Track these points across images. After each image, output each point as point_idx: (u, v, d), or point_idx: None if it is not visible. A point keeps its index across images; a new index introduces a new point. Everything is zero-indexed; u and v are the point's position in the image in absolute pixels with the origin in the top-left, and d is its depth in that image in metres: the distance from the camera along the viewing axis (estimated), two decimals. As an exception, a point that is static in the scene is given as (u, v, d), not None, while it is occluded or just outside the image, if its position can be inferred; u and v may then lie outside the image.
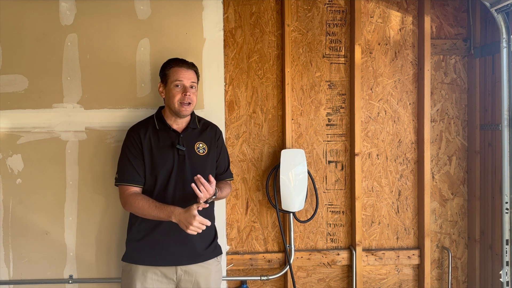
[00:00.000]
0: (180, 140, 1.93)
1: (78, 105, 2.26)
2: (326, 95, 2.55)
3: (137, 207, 1.83)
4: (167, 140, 1.93)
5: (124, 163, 1.92)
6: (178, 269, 1.89)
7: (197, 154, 1.96)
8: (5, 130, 2.24)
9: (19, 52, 2.23)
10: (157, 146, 1.92)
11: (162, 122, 1.97)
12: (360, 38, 2.50)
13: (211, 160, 2.00)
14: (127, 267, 1.93)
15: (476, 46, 2.54)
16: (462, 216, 2.63)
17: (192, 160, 1.93)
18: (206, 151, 1.98)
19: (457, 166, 2.62)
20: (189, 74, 1.93)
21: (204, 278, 1.93)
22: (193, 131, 2.00)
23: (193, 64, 2.00)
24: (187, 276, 1.91)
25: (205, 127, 2.05)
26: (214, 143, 2.03)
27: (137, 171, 1.89)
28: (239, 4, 2.48)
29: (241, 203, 2.51)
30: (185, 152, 1.92)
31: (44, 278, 2.27)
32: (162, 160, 1.90)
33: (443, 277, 2.63)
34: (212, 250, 1.98)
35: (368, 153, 2.58)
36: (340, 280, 2.58)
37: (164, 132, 1.95)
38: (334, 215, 2.57)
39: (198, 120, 2.05)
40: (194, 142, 1.97)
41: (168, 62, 1.98)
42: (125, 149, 1.94)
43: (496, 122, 2.41)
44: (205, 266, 1.94)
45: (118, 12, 2.26)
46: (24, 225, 2.25)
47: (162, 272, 1.89)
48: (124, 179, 1.90)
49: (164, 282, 1.89)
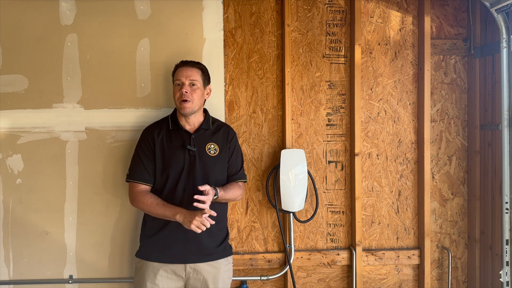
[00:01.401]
0: (192, 140, 1.97)
1: (78, 105, 2.26)
2: (326, 95, 2.55)
3: (144, 204, 1.90)
4: (179, 140, 1.98)
5: (136, 162, 2.00)
6: (187, 267, 1.93)
7: (208, 154, 1.99)
8: (5, 130, 2.24)
9: (19, 52, 2.23)
10: (169, 146, 1.97)
11: (175, 122, 2.02)
12: (360, 38, 2.50)
13: (222, 161, 2.03)
14: (140, 263, 1.98)
15: (476, 46, 2.54)
16: (462, 216, 2.63)
17: (202, 160, 1.97)
18: (217, 152, 2.01)
19: (457, 166, 2.62)
20: (189, 72, 1.97)
21: (212, 277, 1.95)
22: (205, 132, 2.03)
23: (198, 62, 2.04)
24: (196, 274, 1.94)
25: (218, 128, 2.09)
26: (226, 144, 2.05)
27: (147, 171, 1.96)
28: (239, 4, 2.48)
29: (241, 203, 2.51)
30: (195, 152, 1.96)
31: (44, 278, 2.27)
32: (173, 160, 1.95)
33: (443, 277, 2.63)
34: (222, 250, 2.01)
35: (368, 153, 2.57)
36: (340, 280, 2.58)
37: (177, 133, 2.00)
38: (334, 215, 2.57)
39: (212, 121, 2.09)
40: (205, 143, 2.00)
41: (176, 64, 2.05)
42: (139, 148, 2.02)
43: (496, 122, 2.41)
44: (214, 265, 1.97)
45: (118, 12, 2.26)
46: (24, 225, 2.26)
47: (172, 269, 1.93)
48: (134, 177, 1.97)
49: (174, 279, 1.93)
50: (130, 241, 2.30)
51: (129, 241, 2.30)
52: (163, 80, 2.29)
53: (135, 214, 2.29)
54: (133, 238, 2.29)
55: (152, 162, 1.97)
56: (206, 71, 2.06)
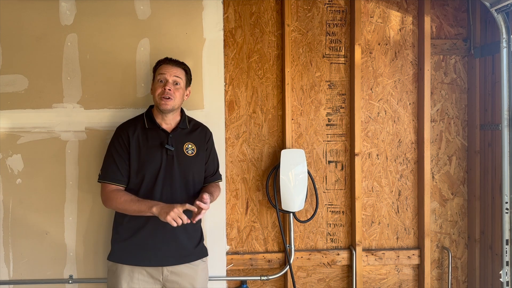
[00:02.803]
0: (169, 140, 1.92)
1: (78, 105, 2.26)
2: (326, 95, 2.55)
3: (118, 202, 1.83)
4: (156, 140, 1.93)
5: (108, 162, 1.92)
6: (164, 270, 1.89)
7: (186, 154, 1.95)
8: (5, 130, 2.23)
9: (19, 52, 2.22)
10: (146, 145, 1.91)
11: (151, 120, 1.96)
12: (360, 38, 2.50)
13: (199, 161, 1.99)
14: (113, 266, 1.91)
15: (476, 46, 2.54)
16: (462, 216, 2.63)
17: (180, 160, 1.93)
18: (195, 152, 1.97)
19: (457, 166, 2.62)
20: (174, 70, 1.93)
21: (190, 279, 1.92)
22: (182, 131, 1.99)
23: (183, 63, 2.00)
24: (174, 277, 1.90)
25: (195, 127, 2.04)
26: (203, 145, 2.02)
27: (120, 171, 1.89)
28: (239, 4, 2.48)
29: (241, 203, 2.51)
30: (173, 152, 1.92)
31: (44, 278, 2.27)
32: (149, 159, 1.89)
33: (443, 277, 2.63)
34: (198, 251, 1.98)
35: (368, 153, 2.58)
36: (340, 280, 2.58)
37: (153, 131, 1.94)
38: (334, 215, 2.57)
39: (188, 120, 2.04)
40: (183, 143, 1.96)
41: (159, 60, 2.00)
42: (111, 147, 1.94)
43: (496, 122, 2.41)
44: (191, 267, 1.93)
45: (118, 12, 2.26)
46: (24, 225, 2.25)
47: (148, 272, 1.88)
48: (106, 177, 1.90)
49: (150, 283, 1.89)
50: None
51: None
52: (163, 80, 2.29)
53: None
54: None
55: (126, 162, 1.90)
56: (190, 72, 2.02)
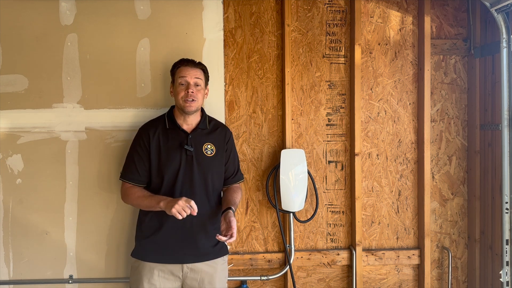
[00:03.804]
0: (189, 140, 1.95)
1: (78, 105, 2.26)
2: (326, 95, 2.55)
3: (133, 198, 1.92)
4: (176, 140, 1.96)
5: (129, 161, 2.01)
6: (184, 267, 1.93)
7: (205, 155, 1.97)
8: (5, 130, 2.24)
9: (19, 52, 2.23)
10: (166, 145, 1.96)
11: (172, 121, 2.00)
12: (360, 38, 2.50)
13: (218, 162, 2.01)
14: (136, 263, 1.98)
15: (476, 46, 2.54)
16: (462, 216, 2.63)
17: (199, 161, 1.96)
18: (213, 152, 2.00)
19: (457, 166, 2.62)
20: (194, 72, 1.96)
21: (209, 277, 1.95)
22: (202, 131, 2.01)
23: (200, 63, 2.02)
24: (193, 274, 1.94)
25: (215, 128, 2.07)
26: (223, 145, 2.04)
27: (139, 172, 1.96)
28: (239, 4, 2.48)
29: (241, 203, 2.51)
30: (193, 152, 1.94)
31: (44, 278, 2.27)
32: (169, 160, 1.93)
33: (443, 277, 2.63)
34: (218, 250, 2.01)
35: (368, 153, 2.57)
36: (340, 280, 2.58)
37: (174, 132, 1.98)
38: (334, 215, 2.57)
39: (209, 120, 2.07)
40: (202, 143, 1.99)
41: (176, 62, 2.02)
42: (133, 147, 2.02)
43: (496, 122, 2.41)
44: (210, 265, 1.97)
45: (118, 12, 2.26)
46: (24, 225, 2.25)
47: (169, 269, 1.93)
48: (125, 177, 1.99)
49: (171, 279, 1.93)
50: (128, 241, 2.29)
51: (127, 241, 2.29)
52: (163, 80, 2.29)
53: (132, 214, 2.28)
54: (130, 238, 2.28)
55: (146, 163, 1.95)
56: (207, 71, 2.06)
